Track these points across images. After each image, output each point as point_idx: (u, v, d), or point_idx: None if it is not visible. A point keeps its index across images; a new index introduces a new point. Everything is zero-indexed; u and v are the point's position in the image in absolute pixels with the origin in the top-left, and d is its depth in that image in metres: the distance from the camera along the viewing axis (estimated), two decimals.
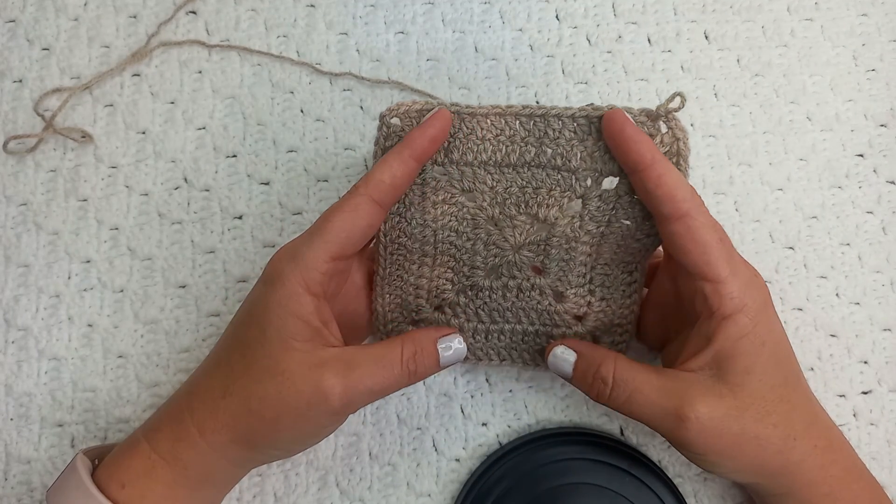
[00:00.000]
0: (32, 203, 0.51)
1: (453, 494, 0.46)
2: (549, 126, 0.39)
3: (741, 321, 0.37)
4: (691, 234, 0.37)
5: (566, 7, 0.55)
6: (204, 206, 0.51)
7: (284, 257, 0.38)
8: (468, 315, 0.44)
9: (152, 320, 0.49)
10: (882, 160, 0.52)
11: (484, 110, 0.39)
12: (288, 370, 0.36)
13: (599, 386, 0.39)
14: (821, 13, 0.54)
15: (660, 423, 0.38)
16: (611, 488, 0.44)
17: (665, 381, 0.38)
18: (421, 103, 0.39)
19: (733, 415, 0.37)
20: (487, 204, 0.41)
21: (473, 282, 0.43)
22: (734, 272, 0.37)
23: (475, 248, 0.42)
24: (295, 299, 0.37)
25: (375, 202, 0.38)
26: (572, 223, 0.41)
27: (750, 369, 0.37)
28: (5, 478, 0.47)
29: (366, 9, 0.55)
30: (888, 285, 0.50)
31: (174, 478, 0.37)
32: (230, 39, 0.54)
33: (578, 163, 0.39)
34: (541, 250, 0.41)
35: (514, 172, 0.40)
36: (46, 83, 0.54)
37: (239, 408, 0.37)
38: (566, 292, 0.42)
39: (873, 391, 0.48)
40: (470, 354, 0.45)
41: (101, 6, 0.55)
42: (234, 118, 0.53)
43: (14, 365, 0.49)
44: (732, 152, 0.52)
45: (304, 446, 0.41)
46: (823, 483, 0.38)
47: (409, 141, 0.38)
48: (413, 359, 0.39)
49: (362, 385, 0.37)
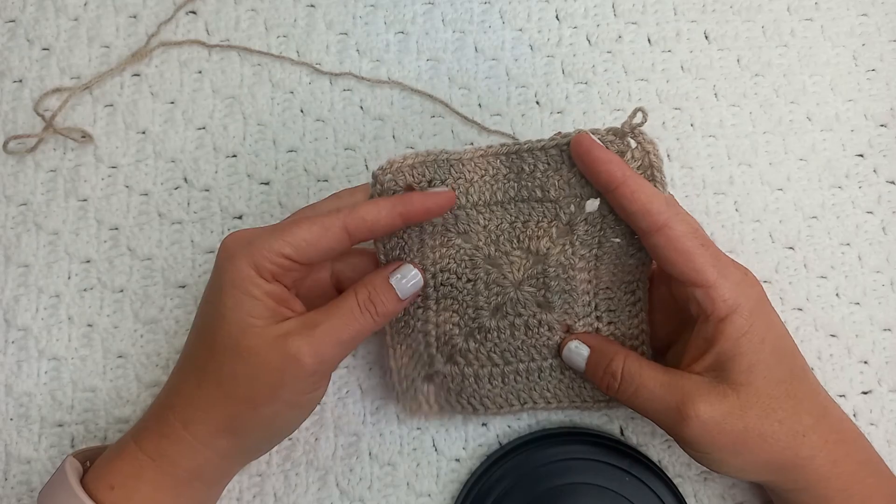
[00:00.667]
0: (32, 203, 0.51)
1: (453, 494, 0.46)
2: (524, 161, 0.41)
3: (737, 321, 0.37)
4: (672, 244, 0.38)
5: (566, 7, 0.55)
6: (204, 206, 0.51)
7: (238, 240, 0.38)
8: (481, 361, 0.44)
9: (152, 320, 0.49)
10: (882, 160, 0.52)
11: (468, 154, 0.41)
12: (251, 346, 0.36)
13: (609, 379, 0.41)
14: (821, 13, 0.54)
15: (663, 418, 0.39)
16: (611, 488, 0.44)
17: (670, 379, 0.39)
18: (412, 156, 0.40)
19: (736, 413, 0.37)
20: (483, 243, 0.42)
21: (480, 323, 0.43)
22: (722, 274, 0.38)
23: (476, 289, 0.42)
24: (247, 280, 0.37)
25: (348, 232, 0.38)
26: (564, 251, 0.42)
27: (752, 367, 0.37)
28: (5, 478, 0.47)
29: (366, 9, 0.55)
30: (888, 285, 0.50)
31: (162, 477, 0.38)
32: (230, 39, 0.54)
33: (557, 192, 0.41)
34: (541, 284, 0.42)
35: (502, 210, 0.42)
36: (46, 83, 0.54)
37: (214, 393, 0.37)
38: (575, 325, 0.43)
39: (873, 391, 0.48)
40: (490, 404, 0.45)
41: (101, 6, 0.55)
42: (234, 118, 0.53)
43: (14, 365, 0.49)
44: (732, 152, 0.52)
45: (289, 423, 0.40)
46: (837, 478, 0.38)
47: (407, 199, 0.39)
48: (370, 300, 0.39)
49: (328, 337, 0.37)
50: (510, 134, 0.52)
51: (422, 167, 0.40)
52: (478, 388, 0.44)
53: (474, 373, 0.44)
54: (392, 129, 0.53)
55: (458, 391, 0.44)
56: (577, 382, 0.44)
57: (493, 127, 0.52)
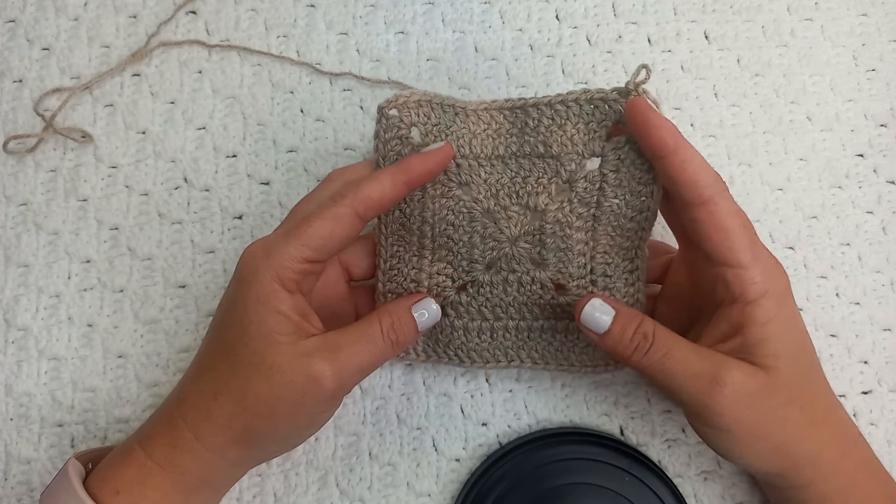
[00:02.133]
0: (32, 203, 0.51)
1: (453, 494, 0.46)
2: (528, 116, 0.41)
3: (766, 305, 0.37)
4: (713, 219, 0.37)
5: (566, 7, 0.55)
6: (204, 206, 0.51)
7: (258, 254, 0.38)
8: (471, 314, 0.44)
9: (152, 320, 0.49)
10: (882, 160, 0.52)
11: (473, 106, 0.41)
12: (276, 364, 0.36)
13: (640, 340, 0.38)
14: (821, 13, 0.54)
15: (693, 384, 0.37)
16: (611, 488, 0.44)
17: (701, 348, 0.38)
18: (419, 94, 0.41)
19: (766, 391, 0.36)
20: (482, 196, 0.42)
21: (473, 277, 0.43)
22: (756, 257, 0.37)
23: (472, 241, 0.42)
24: (272, 295, 0.37)
25: (359, 216, 0.38)
26: (562, 208, 0.41)
27: (779, 353, 0.37)
28: (5, 478, 0.47)
29: (366, 9, 0.55)
30: (888, 285, 0.50)
31: (171, 484, 0.37)
32: (230, 39, 0.54)
33: (559, 148, 0.41)
34: (537, 241, 0.42)
35: (503, 164, 0.42)
36: (46, 83, 0.54)
37: (233, 407, 0.37)
38: (568, 284, 0.42)
39: (873, 391, 0.48)
40: (477, 357, 0.45)
41: (101, 6, 0.55)
42: (234, 118, 0.53)
43: (14, 365, 0.49)
44: (732, 152, 0.52)
45: (301, 438, 0.41)
46: (838, 476, 0.38)
47: (406, 166, 0.39)
48: (392, 329, 0.39)
49: (350, 364, 0.37)
50: None
51: (427, 107, 0.40)
52: (466, 340, 0.44)
53: (464, 325, 0.44)
54: None
55: (446, 342, 0.44)
56: (566, 346, 0.44)
57: None
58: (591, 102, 0.40)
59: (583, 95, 0.40)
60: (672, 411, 0.47)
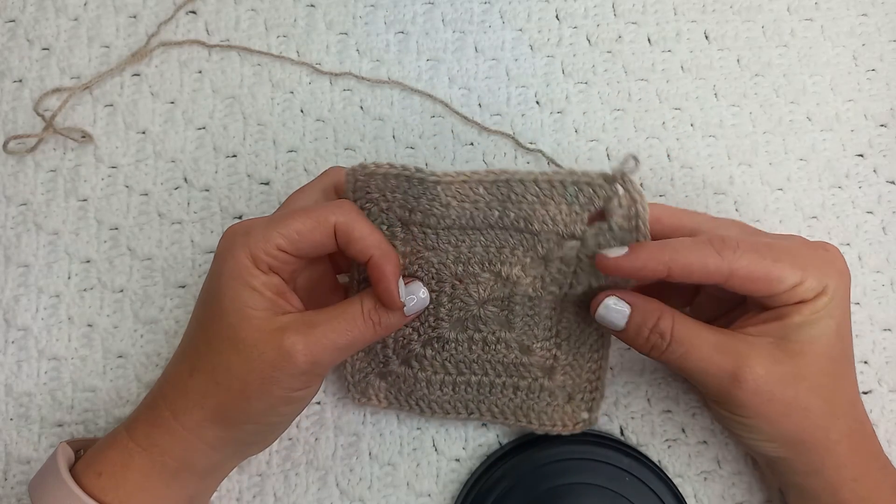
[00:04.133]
0: (32, 203, 0.51)
1: (453, 494, 0.46)
2: (512, 190, 0.39)
3: (818, 302, 0.37)
4: (746, 281, 0.37)
5: (566, 7, 0.55)
6: (204, 206, 0.51)
7: (237, 232, 0.38)
8: (435, 368, 0.44)
9: (152, 320, 0.49)
10: (882, 160, 0.52)
11: (449, 178, 0.39)
12: (249, 337, 0.36)
13: (656, 339, 0.38)
14: (821, 13, 0.54)
15: (714, 380, 0.37)
16: (611, 488, 0.44)
17: (723, 339, 0.38)
18: (386, 167, 0.39)
19: (789, 380, 0.37)
20: (451, 262, 0.41)
21: (439, 333, 0.43)
22: (803, 266, 0.37)
23: (440, 301, 0.42)
24: (245, 271, 0.37)
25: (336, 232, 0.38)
26: (534, 283, 0.41)
27: (815, 339, 0.37)
28: (5, 478, 0.47)
29: (366, 9, 0.55)
30: (888, 285, 0.50)
31: (151, 465, 0.38)
32: (230, 39, 0.54)
33: (539, 226, 0.40)
34: (505, 306, 0.42)
35: (477, 233, 0.41)
36: (46, 83, 0.54)
37: (206, 383, 0.37)
38: (532, 346, 0.43)
39: (873, 391, 0.48)
40: (438, 409, 0.45)
41: (101, 6, 0.55)
42: (234, 118, 0.53)
43: (14, 365, 0.49)
44: (732, 152, 0.52)
45: (280, 417, 0.40)
46: (851, 467, 0.38)
47: (389, 259, 0.38)
48: (374, 309, 0.39)
49: (326, 340, 0.37)
50: (510, 134, 0.52)
51: (396, 180, 0.39)
52: (428, 392, 0.44)
53: (427, 378, 0.44)
54: (392, 129, 0.53)
55: (408, 392, 0.45)
56: (526, 404, 0.44)
57: (493, 127, 0.52)
58: (577, 185, 0.39)
59: (569, 177, 0.39)
60: (672, 411, 0.47)
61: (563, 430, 0.44)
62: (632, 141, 0.52)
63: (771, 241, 0.38)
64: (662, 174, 0.51)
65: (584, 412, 0.44)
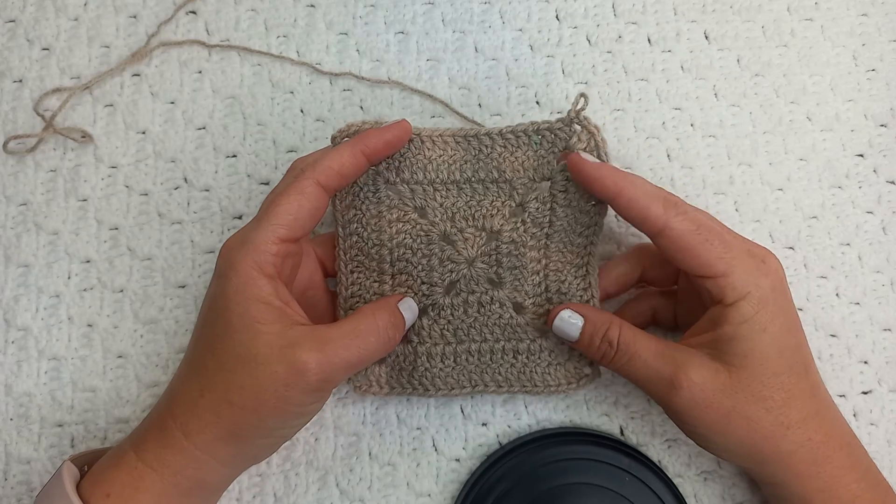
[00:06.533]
0: (32, 203, 0.51)
1: (453, 494, 0.46)
2: (482, 144, 0.44)
3: (743, 308, 0.38)
4: (675, 244, 0.39)
5: (566, 7, 0.55)
6: (204, 206, 0.51)
7: (234, 246, 0.38)
8: (434, 339, 0.44)
9: (152, 320, 0.49)
10: (882, 160, 0.52)
11: (427, 132, 0.44)
12: (260, 354, 0.36)
13: (605, 348, 0.41)
14: (821, 13, 0.54)
15: (655, 387, 0.39)
16: (611, 488, 0.44)
17: (663, 348, 0.40)
18: (370, 123, 0.43)
19: (726, 391, 0.38)
20: (439, 220, 0.44)
21: (433, 300, 0.44)
22: (732, 264, 0.38)
23: (431, 264, 0.43)
24: (251, 283, 0.37)
25: (321, 186, 0.39)
26: (517, 228, 0.44)
27: (748, 353, 0.38)
28: (5, 478, 0.47)
29: (366, 9, 0.55)
30: (888, 285, 0.50)
31: (163, 486, 0.37)
32: (230, 39, 0.54)
33: (512, 173, 0.44)
34: (493, 261, 0.44)
35: (458, 188, 0.44)
36: (46, 83, 0.54)
37: (219, 402, 0.37)
38: (525, 303, 0.44)
39: (873, 391, 0.48)
40: (442, 384, 0.45)
41: (101, 6, 0.55)
42: (234, 118, 0.53)
43: (14, 365, 0.49)
44: (732, 152, 0.52)
45: (291, 429, 0.40)
46: (817, 478, 0.38)
47: (364, 138, 0.40)
48: (392, 326, 0.40)
49: (338, 358, 0.37)
50: None
51: None
52: (430, 366, 0.45)
53: (427, 351, 0.44)
54: None
55: (410, 370, 0.45)
56: (528, 367, 0.45)
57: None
58: (539, 133, 0.44)
59: (530, 126, 0.44)
60: None
61: (568, 389, 0.45)
62: (632, 141, 0.52)
63: (721, 230, 0.39)
64: (662, 174, 0.51)
65: (587, 367, 0.45)
